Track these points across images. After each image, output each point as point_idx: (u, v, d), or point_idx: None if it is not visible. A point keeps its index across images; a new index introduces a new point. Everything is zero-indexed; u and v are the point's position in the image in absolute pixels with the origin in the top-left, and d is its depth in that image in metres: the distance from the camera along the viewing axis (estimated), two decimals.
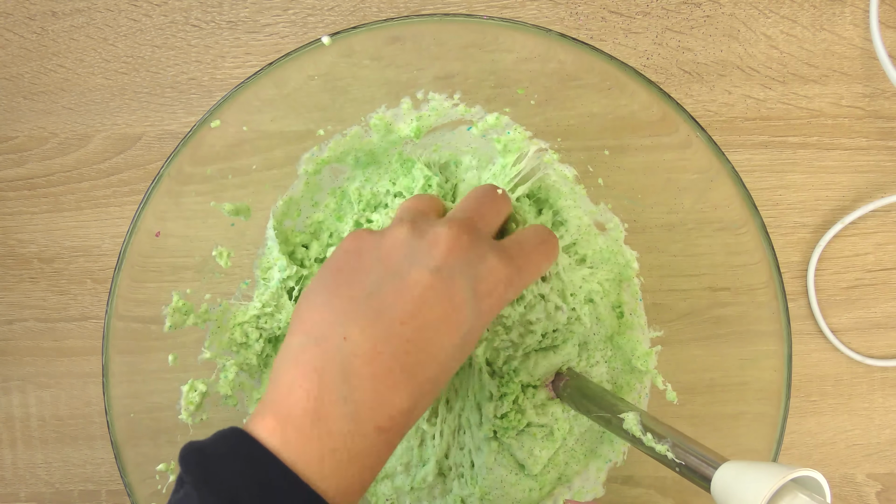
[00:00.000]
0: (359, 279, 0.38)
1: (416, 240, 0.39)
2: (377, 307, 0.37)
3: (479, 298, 0.39)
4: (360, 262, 0.39)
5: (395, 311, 0.37)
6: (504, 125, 0.51)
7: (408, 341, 0.37)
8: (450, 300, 0.38)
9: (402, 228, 0.40)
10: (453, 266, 0.38)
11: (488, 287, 0.39)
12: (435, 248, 0.39)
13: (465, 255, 0.39)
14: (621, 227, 0.53)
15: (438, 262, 0.38)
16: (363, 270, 0.39)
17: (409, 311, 0.37)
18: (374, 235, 0.40)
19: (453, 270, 0.38)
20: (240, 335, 0.51)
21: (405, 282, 0.37)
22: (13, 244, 0.60)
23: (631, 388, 0.55)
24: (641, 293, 0.54)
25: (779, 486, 0.33)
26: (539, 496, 0.55)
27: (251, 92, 0.48)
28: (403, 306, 0.37)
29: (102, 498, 0.61)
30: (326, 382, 0.35)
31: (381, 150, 0.52)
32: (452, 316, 0.38)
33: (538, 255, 0.43)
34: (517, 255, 0.41)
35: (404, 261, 0.38)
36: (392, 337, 0.36)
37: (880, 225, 0.60)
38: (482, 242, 0.40)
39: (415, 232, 0.39)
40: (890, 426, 0.61)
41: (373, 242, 0.40)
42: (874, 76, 0.58)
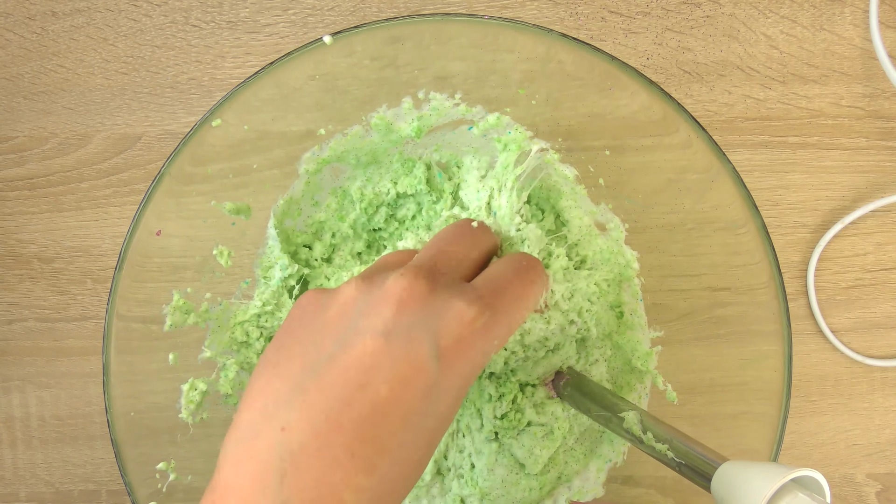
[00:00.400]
0: (301, 352, 0.32)
1: (365, 297, 0.33)
2: (319, 386, 0.31)
3: (447, 356, 0.32)
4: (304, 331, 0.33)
5: (338, 391, 0.31)
6: (505, 125, 0.51)
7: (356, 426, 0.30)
8: (407, 366, 0.31)
9: (350, 286, 0.34)
10: (409, 323, 0.32)
11: (456, 339, 0.32)
12: (384, 304, 0.32)
13: (423, 308, 0.32)
14: (622, 227, 0.53)
15: (388, 322, 0.32)
16: (307, 343, 0.33)
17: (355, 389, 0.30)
18: (321, 297, 0.35)
19: (409, 329, 0.32)
20: (240, 334, 0.51)
21: (350, 352, 0.31)
22: (13, 244, 0.60)
23: (631, 388, 0.55)
24: (642, 293, 0.54)
25: (779, 485, 0.33)
26: (539, 496, 0.55)
27: (251, 92, 0.48)
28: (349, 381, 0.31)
29: (102, 498, 0.61)
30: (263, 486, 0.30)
31: (381, 149, 0.52)
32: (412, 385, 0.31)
33: (519, 289, 0.36)
34: (490, 293, 0.35)
35: (350, 326, 0.32)
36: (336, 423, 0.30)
37: (880, 225, 0.60)
38: (444, 288, 0.34)
39: (362, 289, 0.33)
40: (890, 426, 0.61)
41: (319, 306, 0.34)
42: (874, 76, 0.59)
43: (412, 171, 0.53)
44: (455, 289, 0.34)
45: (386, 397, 0.31)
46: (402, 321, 0.32)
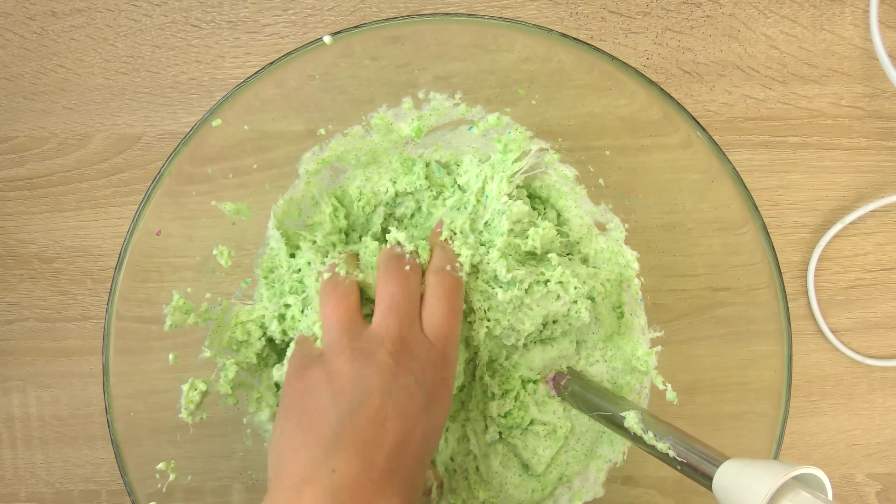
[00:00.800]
0: (324, 418, 0.41)
1: (364, 370, 0.42)
2: (353, 437, 0.40)
3: (432, 396, 0.43)
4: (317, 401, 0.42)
5: (370, 438, 0.40)
6: (505, 125, 0.51)
7: (387, 462, 0.40)
8: (409, 410, 0.42)
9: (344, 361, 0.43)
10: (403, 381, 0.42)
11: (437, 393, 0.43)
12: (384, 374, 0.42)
13: (409, 368, 0.43)
14: (622, 227, 0.53)
15: (390, 382, 0.42)
16: (324, 409, 0.41)
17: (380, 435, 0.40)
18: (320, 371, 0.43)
19: (404, 384, 0.42)
20: (241, 333, 0.51)
21: (369, 409, 0.41)
22: (13, 244, 0.60)
23: (631, 388, 0.55)
24: (642, 293, 0.54)
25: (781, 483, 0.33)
26: (541, 496, 0.55)
27: (252, 92, 0.48)
28: (374, 431, 0.40)
29: (102, 498, 0.61)
30: None
31: (381, 149, 0.52)
32: (416, 418, 0.42)
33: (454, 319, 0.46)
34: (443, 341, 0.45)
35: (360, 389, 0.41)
36: (373, 461, 0.39)
37: (880, 225, 0.60)
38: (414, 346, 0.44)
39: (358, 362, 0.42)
40: (890, 426, 0.61)
41: (323, 380, 0.43)
42: (874, 76, 0.59)
43: (411, 171, 0.53)
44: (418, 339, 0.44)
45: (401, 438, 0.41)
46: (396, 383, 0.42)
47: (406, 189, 0.53)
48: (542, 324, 0.51)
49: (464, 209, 0.52)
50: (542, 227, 0.51)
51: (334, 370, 0.42)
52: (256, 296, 0.52)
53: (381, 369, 0.42)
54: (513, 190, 0.52)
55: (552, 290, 0.50)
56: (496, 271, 0.49)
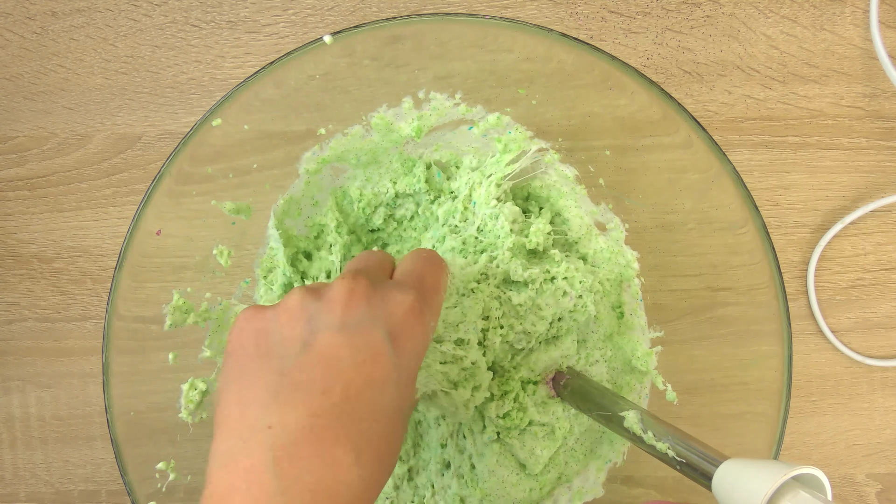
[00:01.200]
0: (265, 362, 0.35)
1: (313, 302, 0.36)
2: (293, 384, 0.34)
3: (397, 338, 0.36)
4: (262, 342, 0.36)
5: (312, 384, 0.34)
6: (505, 125, 0.51)
7: (337, 409, 0.34)
8: (367, 351, 0.35)
9: (294, 296, 0.37)
10: (359, 316, 0.36)
11: (402, 323, 0.37)
12: (334, 304, 0.36)
13: (367, 303, 0.36)
14: (622, 227, 0.53)
15: (342, 317, 0.36)
16: (266, 351, 0.36)
17: (328, 378, 0.34)
18: (267, 312, 0.37)
19: (360, 321, 0.36)
20: None
21: (314, 349, 0.35)
22: (13, 244, 0.60)
23: (631, 388, 0.55)
24: (642, 293, 0.54)
25: (780, 483, 0.33)
26: (539, 496, 0.55)
27: (252, 91, 0.48)
28: (319, 375, 0.34)
29: (102, 498, 0.61)
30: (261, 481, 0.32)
31: (381, 149, 0.52)
32: (377, 366, 0.35)
33: (433, 274, 0.41)
34: (415, 281, 0.40)
35: (306, 328, 0.36)
36: (317, 411, 0.33)
37: (880, 225, 0.60)
38: (379, 284, 0.38)
39: (309, 296, 0.37)
40: (890, 426, 0.61)
41: (268, 319, 0.37)
42: (874, 76, 0.59)
43: (412, 171, 0.53)
44: (387, 284, 0.38)
45: (354, 382, 0.34)
46: (352, 316, 0.36)
47: (406, 190, 0.53)
48: (548, 322, 0.51)
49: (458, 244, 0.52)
50: (537, 223, 0.51)
51: (281, 308, 0.37)
52: (256, 296, 0.52)
53: (332, 300, 0.36)
54: (501, 193, 0.52)
55: (559, 287, 0.50)
56: (508, 273, 0.49)
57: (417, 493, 0.54)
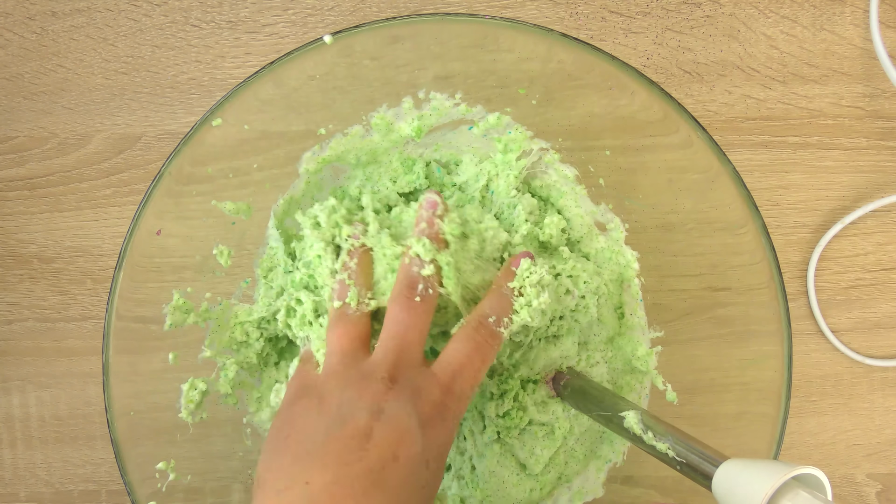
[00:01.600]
0: (306, 435, 0.41)
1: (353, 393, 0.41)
2: (329, 452, 0.39)
3: (426, 424, 0.41)
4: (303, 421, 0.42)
5: (348, 452, 0.39)
6: (505, 125, 0.51)
7: (368, 476, 0.39)
8: (397, 433, 0.40)
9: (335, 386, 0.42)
10: (393, 406, 0.41)
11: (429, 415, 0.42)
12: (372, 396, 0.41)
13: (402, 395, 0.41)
14: (622, 227, 0.53)
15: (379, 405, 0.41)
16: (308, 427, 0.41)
17: (360, 451, 0.39)
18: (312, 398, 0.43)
19: (394, 409, 0.41)
20: (240, 334, 0.51)
21: (351, 426, 0.40)
22: (13, 244, 0.60)
23: (631, 388, 0.55)
24: (642, 293, 0.54)
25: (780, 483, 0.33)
26: (539, 496, 0.55)
27: (251, 91, 0.48)
28: (355, 447, 0.39)
29: (102, 498, 0.61)
30: None
31: (382, 149, 0.52)
32: (404, 446, 0.40)
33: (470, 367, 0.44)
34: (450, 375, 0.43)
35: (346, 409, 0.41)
36: (349, 474, 0.38)
37: (880, 225, 0.60)
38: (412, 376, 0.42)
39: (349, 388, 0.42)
40: (890, 426, 0.61)
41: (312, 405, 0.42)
42: (874, 76, 0.59)
43: (412, 169, 0.53)
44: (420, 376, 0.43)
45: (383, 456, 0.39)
46: (386, 406, 0.41)
47: (405, 189, 0.53)
48: (549, 319, 0.51)
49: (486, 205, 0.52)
50: (553, 217, 0.52)
51: (325, 394, 0.42)
52: (256, 295, 0.52)
53: (371, 392, 0.41)
54: (519, 184, 0.52)
55: (562, 284, 0.50)
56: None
57: None
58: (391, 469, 0.39)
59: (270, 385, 0.53)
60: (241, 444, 0.52)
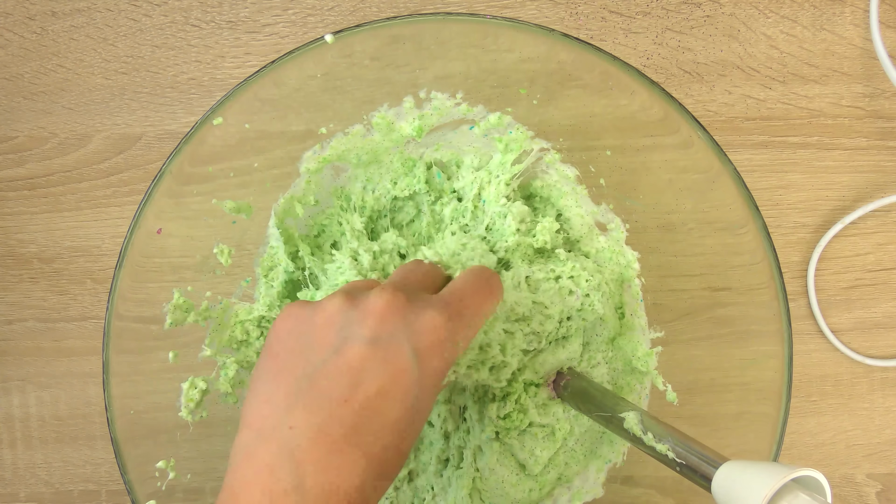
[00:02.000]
0: (296, 362, 0.38)
1: (350, 311, 0.38)
2: (317, 389, 0.36)
3: (423, 358, 0.38)
4: (295, 343, 0.38)
5: (335, 391, 0.36)
6: (506, 125, 0.51)
7: (353, 419, 0.36)
8: (392, 367, 0.37)
9: (334, 301, 0.39)
10: (391, 332, 0.37)
11: (431, 343, 0.38)
12: (369, 316, 0.38)
13: (402, 318, 0.38)
14: (622, 227, 0.53)
15: (374, 330, 0.37)
16: (299, 352, 0.38)
17: (350, 388, 0.36)
18: (306, 311, 0.39)
19: (391, 336, 0.37)
20: (240, 333, 0.51)
21: (342, 358, 0.37)
22: (13, 244, 0.60)
23: (631, 388, 0.55)
24: (642, 293, 0.54)
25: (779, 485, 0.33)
26: (539, 496, 0.55)
27: (252, 91, 0.48)
28: (343, 384, 0.36)
29: (102, 498, 0.61)
30: (278, 476, 0.35)
31: (382, 148, 0.52)
32: (397, 383, 0.37)
33: (478, 298, 0.42)
34: (455, 303, 0.40)
35: (339, 335, 0.37)
36: (336, 418, 0.36)
37: (880, 225, 0.60)
38: (417, 300, 0.39)
39: (347, 303, 0.38)
40: (890, 426, 0.61)
41: (305, 320, 0.39)
42: (874, 76, 0.59)
43: (412, 171, 0.53)
44: (425, 300, 0.40)
45: (375, 394, 0.36)
46: (385, 330, 0.37)
47: (405, 192, 0.53)
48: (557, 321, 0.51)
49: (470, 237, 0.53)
50: (544, 221, 0.51)
51: (322, 308, 0.39)
52: (256, 294, 0.52)
53: (368, 312, 0.38)
54: (510, 192, 0.52)
55: (564, 286, 0.50)
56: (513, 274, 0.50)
57: (417, 495, 0.54)
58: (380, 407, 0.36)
59: None
60: None
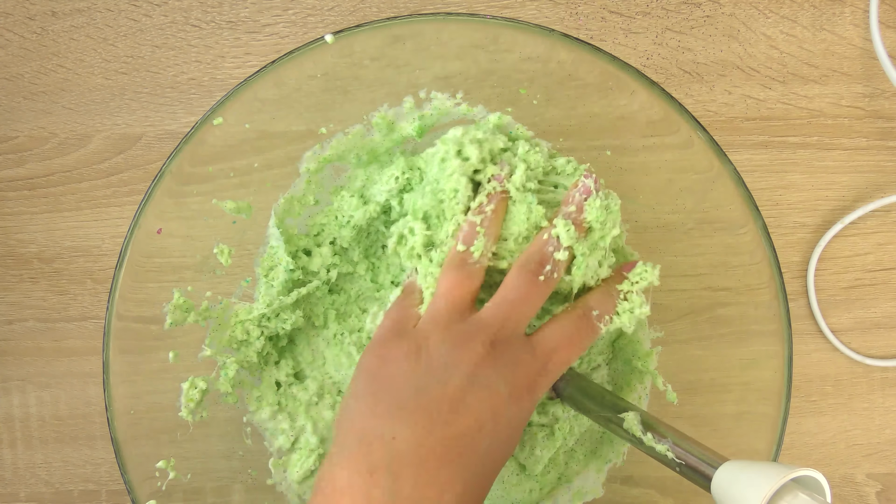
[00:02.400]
0: (399, 385, 0.41)
1: (453, 352, 0.41)
2: (421, 410, 0.39)
3: (515, 396, 0.41)
4: (398, 368, 0.41)
5: (438, 415, 0.39)
6: (506, 125, 0.51)
7: (453, 442, 0.39)
8: (489, 403, 0.40)
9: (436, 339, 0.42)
10: (489, 374, 0.41)
11: (523, 385, 0.42)
12: (471, 359, 0.41)
13: (499, 363, 0.41)
14: (622, 227, 0.53)
15: (472, 371, 0.41)
16: (402, 376, 0.41)
17: (451, 415, 0.39)
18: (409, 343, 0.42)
19: (490, 377, 0.41)
20: (240, 333, 0.51)
21: (446, 388, 0.40)
22: (13, 244, 0.60)
23: (631, 388, 0.55)
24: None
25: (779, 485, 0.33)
26: (539, 496, 0.55)
27: (252, 91, 0.48)
28: (445, 410, 0.39)
29: (102, 498, 0.61)
30: (377, 480, 0.37)
31: (382, 148, 0.52)
32: (493, 418, 0.40)
33: (567, 350, 0.44)
34: (549, 352, 0.43)
35: (444, 370, 0.41)
36: (438, 438, 0.39)
37: (880, 225, 0.60)
38: (513, 346, 0.42)
39: (449, 343, 0.42)
40: (890, 426, 0.61)
41: (409, 352, 0.42)
42: (874, 76, 0.59)
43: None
44: (521, 346, 0.43)
45: (474, 424, 0.40)
46: (482, 373, 0.41)
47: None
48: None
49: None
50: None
51: (423, 345, 0.42)
52: (256, 294, 0.52)
53: (470, 355, 0.41)
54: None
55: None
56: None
57: None
58: (476, 438, 0.39)
59: (271, 384, 0.53)
60: (242, 444, 0.52)
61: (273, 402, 0.52)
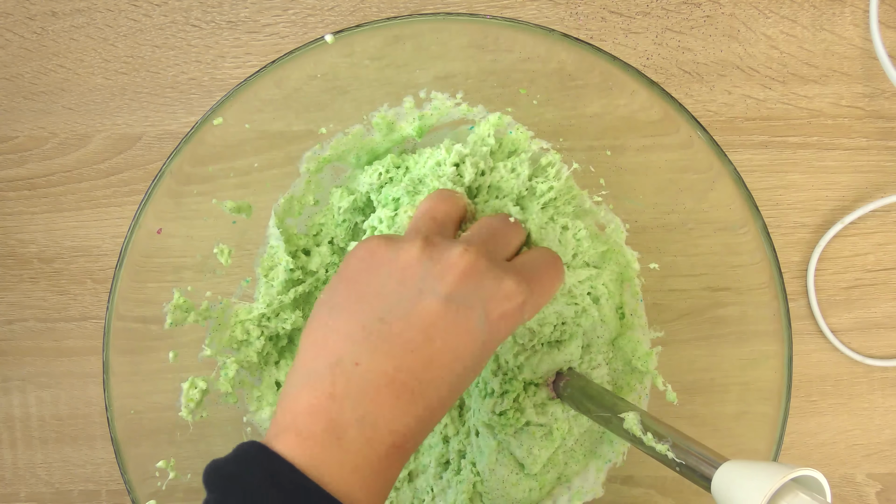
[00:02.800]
0: (370, 301, 0.38)
1: (430, 262, 0.39)
2: (388, 333, 0.37)
3: (491, 322, 0.39)
4: (371, 278, 0.39)
5: (405, 339, 0.37)
6: (506, 125, 0.51)
7: (418, 368, 0.37)
8: (461, 328, 0.38)
9: (415, 246, 0.39)
10: (466, 294, 0.38)
11: (502, 310, 0.39)
12: (448, 273, 0.38)
13: (480, 281, 0.39)
14: (622, 227, 0.53)
15: (451, 289, 0.38)
16: (374, 291, 0.39)
17: (420, 339, 0.37)
18: (387, 249, 0.40)
19: (466, 298, 0.38)
20: (240, 333, 0.51)
21: (416, 309, 0.38)
22: (13, 244, 0.60)
23: (631, 388, 0.55)
24: (642, 293, 0.54)
25: (779, 485, 0.33)
26: (539, 496, 0.55)
27: (252, 91, 0.48)
28: (414, 334, 0.37)
29: (102, 498, 0.61)
30: (342, 406, 0.36)
31: (382, 148, 0.52)
32: (463, 343, 0.38)
33: (549, 278, 0.43)
34: (531, 277, 0.41)
35: (416, 285, 0.38)
36: (403, 364, 0.37)
37: (880, 225, 0.60)
38: (496, 266, 0.40)
39: (428, 252, 0.39)
40: (890, 426, 0.61)
41: (386, 258, 0.39)
42: (874, 76, 0.59)
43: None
44: (504, 268, 0.40)
45: (443, 350, 0.37)
46: (461, 290, 0.38)
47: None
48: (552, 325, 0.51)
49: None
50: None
51: (403, 251, 0.39)
52: (256, 294, 0.52)
53: (448, 269, 0.38)
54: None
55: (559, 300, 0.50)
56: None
57: (417, 496, 0.54)
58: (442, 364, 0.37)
59: (271, 384, 0.53)
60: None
61: (273, 402, 0.52)
